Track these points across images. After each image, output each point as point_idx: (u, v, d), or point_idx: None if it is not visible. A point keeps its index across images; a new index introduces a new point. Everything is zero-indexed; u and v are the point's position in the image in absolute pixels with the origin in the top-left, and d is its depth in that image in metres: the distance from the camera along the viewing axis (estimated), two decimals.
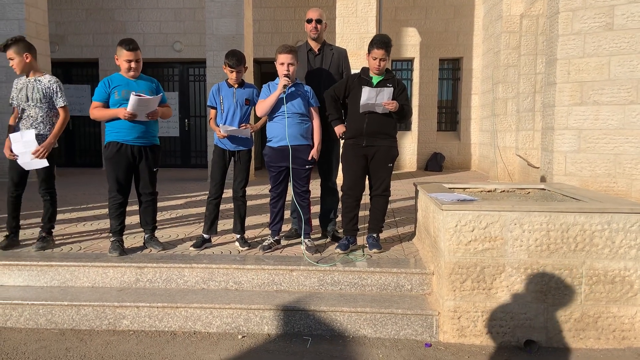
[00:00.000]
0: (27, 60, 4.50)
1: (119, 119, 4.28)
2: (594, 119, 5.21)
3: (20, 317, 3.85)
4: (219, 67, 10.00)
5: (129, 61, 4.29)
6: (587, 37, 5.20)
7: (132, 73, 4.34)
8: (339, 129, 4.48)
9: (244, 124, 4.49)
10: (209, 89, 9.90)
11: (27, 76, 4.56)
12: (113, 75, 4.38)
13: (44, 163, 4.48)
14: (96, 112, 4.33)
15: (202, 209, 6.68)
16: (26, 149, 4.43)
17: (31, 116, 4.50)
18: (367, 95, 4.18)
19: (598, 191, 5.13)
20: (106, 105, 4.33)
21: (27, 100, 4.48)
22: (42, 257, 4.32)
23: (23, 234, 5.17)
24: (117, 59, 4.34)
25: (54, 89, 4.53)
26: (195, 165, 13.73)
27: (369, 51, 4.31)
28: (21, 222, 5.79)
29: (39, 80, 4.52)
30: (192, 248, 4.57)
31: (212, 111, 4.61)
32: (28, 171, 4.61)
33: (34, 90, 4.48)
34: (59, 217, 6.12)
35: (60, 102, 4.55)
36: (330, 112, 4.51)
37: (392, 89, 4.22)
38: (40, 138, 4.51)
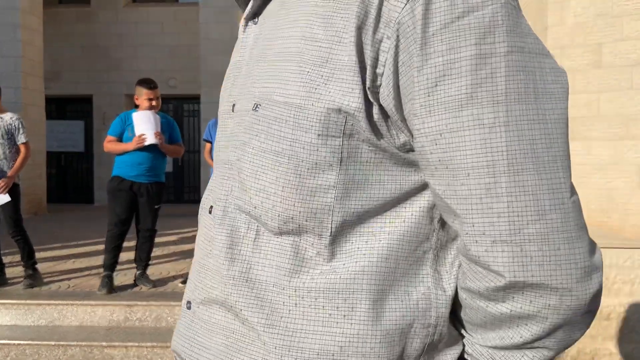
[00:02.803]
0: None
1: (127, 154, 4.32)
2: (586, 154, 5.24)
3: (6, 357, 3.75)
4: (214, 103, 10.08)
5: (150, 99, 4.37)
6: (576, 74, 5.28)
7: (152, 110, 4.40)
8: None
9: None
10: (203, 125, 9.96)
11: None
12: (130, 111, 4.45)
13: (6, 198, 4.44)
14: (109, 145, 4.42)
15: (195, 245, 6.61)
16: None
17: None
18: None
19: (592, 226, 5.12)
20: (120, 139, 4.41)
21: None
22: (29, 296, 4.24)
23: (11, 272, 5.09)
24: (136, 99, 4.41)
25: (16, 126, 4.56)
26: (189, 200, 13.68)
27: None
28: (9, 259, 5.71)
29: (1, 118, 4.55)
30: (181, 285, 4.51)
31: (207, 145, 4.65)
32: None
33: None
34: (48, 253, 6.04)
35: (21, 139, 4.58)
36: None
37: None
38: (3, 175, 4.50)
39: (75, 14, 13.35)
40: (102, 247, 6.29)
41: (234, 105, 0.75)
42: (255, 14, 0.76)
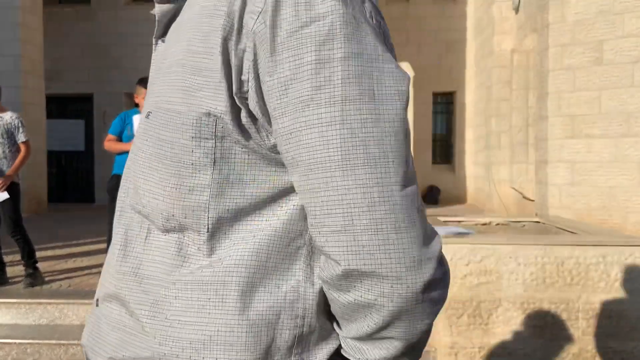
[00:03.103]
0: None
1: (127, 153, 4.35)
2: (587, 152, 5.23)
3: (7, 356, 3.76)
4: None
5: None
6: (577, 71, 5.27)
7: None
8: None
9: None
10: None
11: None
12: (130, 110, 4.49)
13: (4, 195, 4.43)
14: (109, 144, 4.49)
15: None
16: None
17: None
18: None
19: (593, 224, 5.12)
20: (119, 138, 4.47)
21: None
22: (30, 295, 4.24)
23: (12, 271, 5.09)
24: (136, 97, 4.45)
25: (16, 124, 4.56)
26: None
27: None
28: (10, 258, 5.72)
29: (1, 117, 4.55)
30: None
31: None
32: None
33: None
34: (49, 253, 6.05)
35: (21, 138, 4.58)
36: None
37: None
38: (2, 174, 4.49)
39: (75, 12, 13.34)
40: (102, 246, 6.29)
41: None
42: (162, 34, 0.83)
